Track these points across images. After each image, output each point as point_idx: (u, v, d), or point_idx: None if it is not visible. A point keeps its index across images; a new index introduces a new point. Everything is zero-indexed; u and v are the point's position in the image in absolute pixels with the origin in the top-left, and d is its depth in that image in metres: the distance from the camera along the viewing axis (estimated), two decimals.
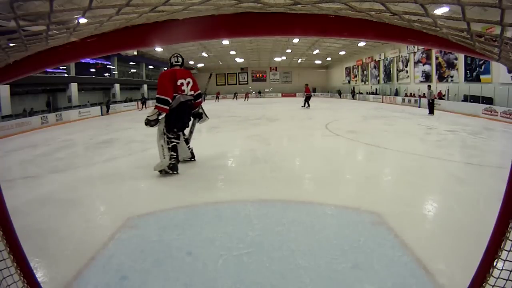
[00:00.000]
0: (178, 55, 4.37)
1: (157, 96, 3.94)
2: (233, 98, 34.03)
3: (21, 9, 10.03)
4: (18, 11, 0.64)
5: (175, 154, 4.08)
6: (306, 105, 18.88)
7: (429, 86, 14.16)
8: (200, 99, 4.48)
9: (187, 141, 4.76)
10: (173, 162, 4.09)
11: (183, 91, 3.99)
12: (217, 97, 32.94)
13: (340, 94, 32.78)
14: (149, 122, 4.06)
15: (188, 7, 0.73)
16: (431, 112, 13.44)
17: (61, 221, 3.02)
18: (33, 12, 0.72)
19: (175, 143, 4.10)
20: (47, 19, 0.67)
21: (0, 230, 1.17)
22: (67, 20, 0.81)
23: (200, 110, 4.75)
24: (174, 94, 3.94)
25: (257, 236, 2.55)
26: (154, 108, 3.99)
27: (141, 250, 2.37)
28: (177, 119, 4.06)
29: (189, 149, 4.80)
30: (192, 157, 4.83)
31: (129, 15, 0.74)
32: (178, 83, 3.98)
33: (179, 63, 4.30)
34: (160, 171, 4.19)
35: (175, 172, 4.12)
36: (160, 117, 4.19)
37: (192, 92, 4.09)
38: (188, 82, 4.11)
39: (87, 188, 4.00)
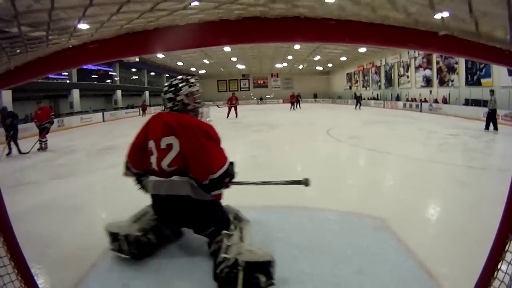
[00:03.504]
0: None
1: None
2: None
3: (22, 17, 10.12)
4: (20, 18, 0.65)
5: None
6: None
7: (492, 91, 9.67)
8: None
9: None
10: None
11: None
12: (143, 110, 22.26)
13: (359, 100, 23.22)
14: None
15: (187, 6, 0.73)
16: (495, 127, 9.25)
17: (63, 227, 3.02)
18: (33, 9, 0.72)
19: None
20: (48, 17, 0.67)
21: (1, 237, 1.17)
22: (67, 18, 0.80)
23: None
24: None
25: (258, 242, 2.53)
26: None
27: None
28: None
29: None
30: None
31: (129, 15, 0.75)
32: None
33: None
34: None
35: None
36: None
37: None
38: None
39: (88, 195, 3.99)
